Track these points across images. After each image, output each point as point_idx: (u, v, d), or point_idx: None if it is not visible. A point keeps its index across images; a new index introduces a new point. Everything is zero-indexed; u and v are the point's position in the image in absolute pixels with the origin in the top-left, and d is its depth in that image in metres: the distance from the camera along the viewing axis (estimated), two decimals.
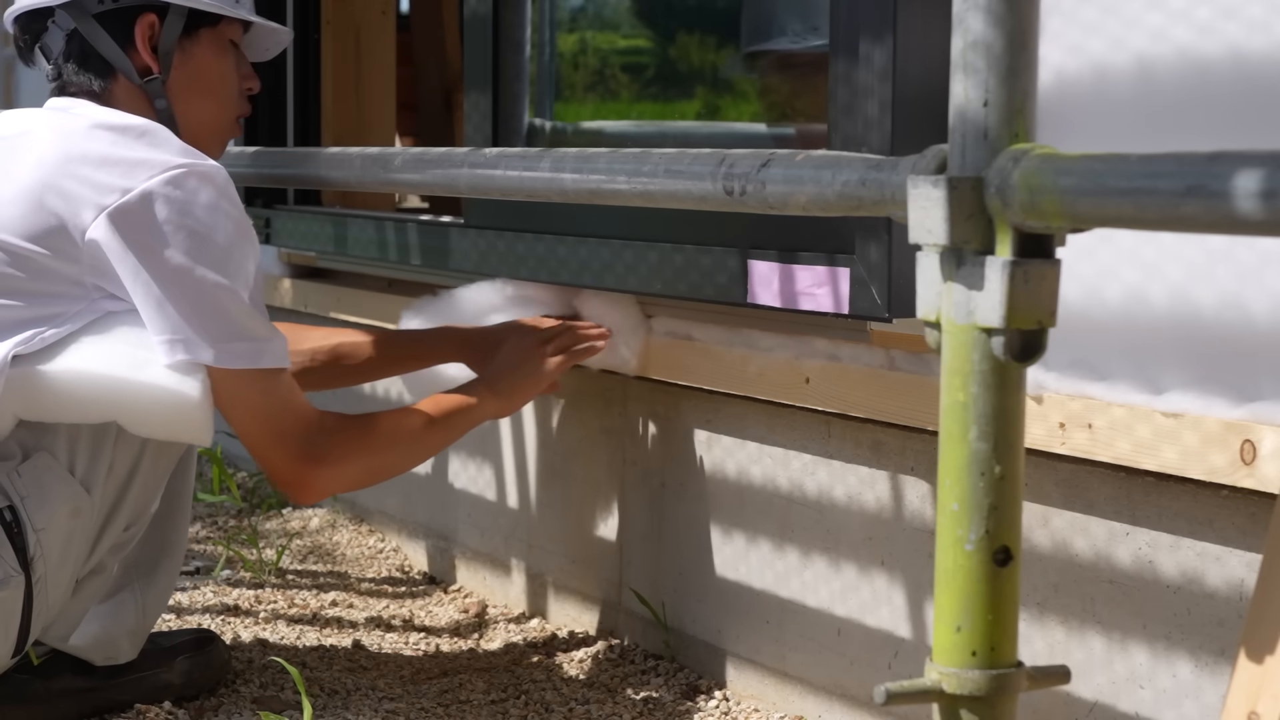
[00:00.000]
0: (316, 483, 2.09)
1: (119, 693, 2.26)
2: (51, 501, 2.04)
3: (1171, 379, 1.66)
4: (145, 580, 2.28)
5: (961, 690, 1.34)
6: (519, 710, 2.27)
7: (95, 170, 1.98)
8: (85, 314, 2.00)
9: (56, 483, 2.05)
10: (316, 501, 2.05)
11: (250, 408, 2.04)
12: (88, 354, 1.98)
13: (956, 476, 1.33)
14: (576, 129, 2.78)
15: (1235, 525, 1.65)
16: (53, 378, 1.98)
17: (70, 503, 2.05)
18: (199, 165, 2.00)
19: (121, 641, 2.25)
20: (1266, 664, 1.39)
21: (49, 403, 2.01)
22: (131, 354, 1.99)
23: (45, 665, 2.21)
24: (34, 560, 2.04)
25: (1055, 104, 1.74)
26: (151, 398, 1.99)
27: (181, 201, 1.97)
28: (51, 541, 2.05)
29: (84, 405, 2.01)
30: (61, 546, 2.06)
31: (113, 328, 2.00)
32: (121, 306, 2.01)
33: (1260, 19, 1.56)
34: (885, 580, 2.09)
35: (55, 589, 2.08)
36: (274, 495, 3.54)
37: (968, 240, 1.32)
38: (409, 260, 2.82)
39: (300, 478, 2.08)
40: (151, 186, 1.96)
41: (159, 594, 2.29)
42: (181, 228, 1.97)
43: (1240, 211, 1.11)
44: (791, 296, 2.06)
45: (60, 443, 2.06)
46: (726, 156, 1.68)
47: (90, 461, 2.07)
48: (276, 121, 3.44)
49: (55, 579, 2.07)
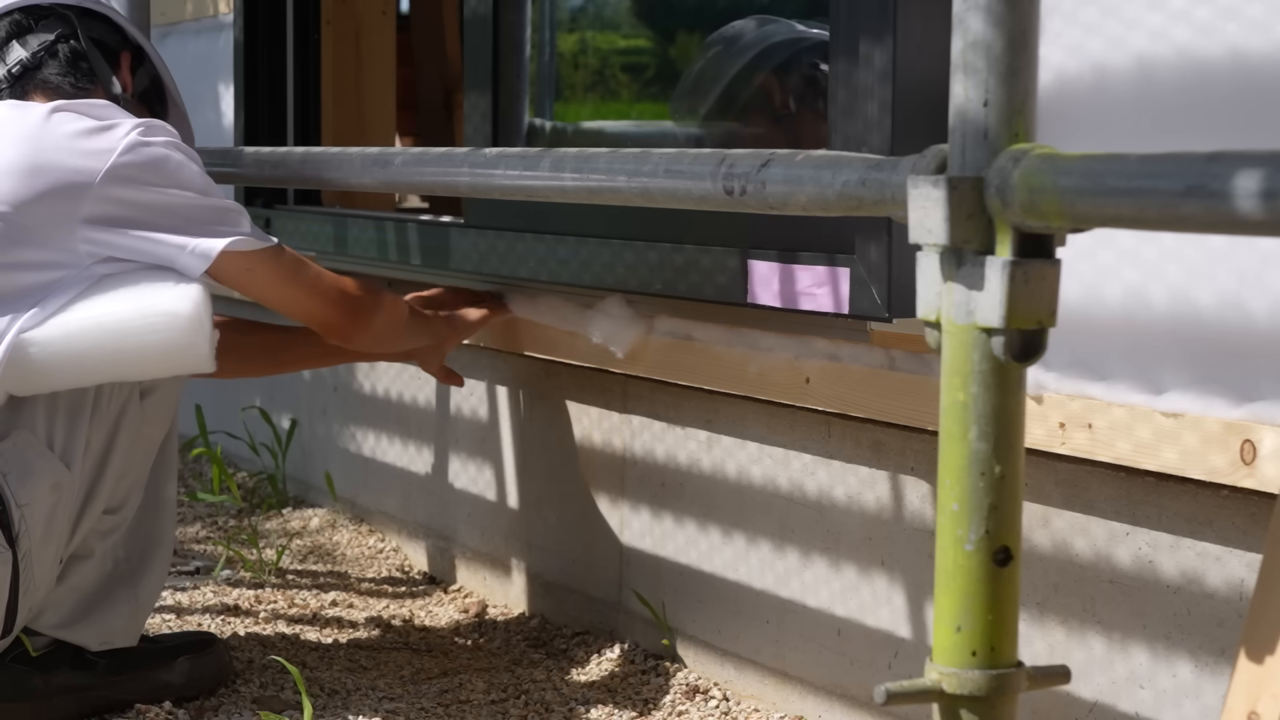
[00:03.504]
0: (372, 320, 2.35)
1: (119, 691, 2.26)
2: (33, 477, 2.10)
3: (1171, 379, 1.66)
4: (138, 567, 2.31)
5: (961, 690, 1.34)
6: (519, 710, 2.27)
7: (79, 139, 2.11)
8: (81, 279, 2.11)
9: (37, 459, 2.11)
10: (367, 345, 2.43)
11: (283, 278, 2.24)
12: (80, 314, 2.09)
13: (956, 476, 1.33)
14: (576, 129, 2.78)
15: (1235, 525, 1.65)
16: (49, 342, 2.07)
17: (51, 478, 2.11)
18: (151, 119, 2.20)
19: (116, 626, 2.28)
20: (1266, 664, 1.39)
21: (48, 368, 2.09)
22: (119, 300, 2.10)
23: (44, 660, 2.22)
24: (19, 536, 2.10)
25: (1055, 104, 1.74)
26: (146, 327, 2.10)
27: (157, 146, 2.14)
28: (35, 517, 2.10)
29: (81, 361, 2.10)
30: (45, 522, 2.12)
31: (102, 289, 2.11)
32: (115, 268, 2.12)
33: (1260, 19, 1.56)
34: (885, 580, 2.09)
35: (40, 566, 2.13)
36: (274, 495, 3.54)
37: (968, 240, 1.32)
38: (409, 260, 2.82)
39: (352, 318, 2.32)
40: (131, 140, 2.12)
41: (152, 581, 2.33)
42: (165, 167, 2.14)
43: (1240, 211, 1.11)
44: (792, 296, 2.06)
45: (39, 420, 2.13)
46: (726, 156, 1.68)
47: (68, 437, 2.14)
48: (276, 121, 3.44)
49: (40, 555, 2.12)
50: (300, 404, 3.57)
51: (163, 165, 2.13)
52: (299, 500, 3.56)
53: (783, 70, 2.53)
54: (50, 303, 2.08)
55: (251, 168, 2.75)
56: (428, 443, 3.08)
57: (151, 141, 2.13)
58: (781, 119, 2.59)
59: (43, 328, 2.07)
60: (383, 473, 3.25)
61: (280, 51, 3.42)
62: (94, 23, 2.31)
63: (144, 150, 2.12)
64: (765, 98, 2.60)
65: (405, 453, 3.16)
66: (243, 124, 3.42)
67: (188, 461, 3.94)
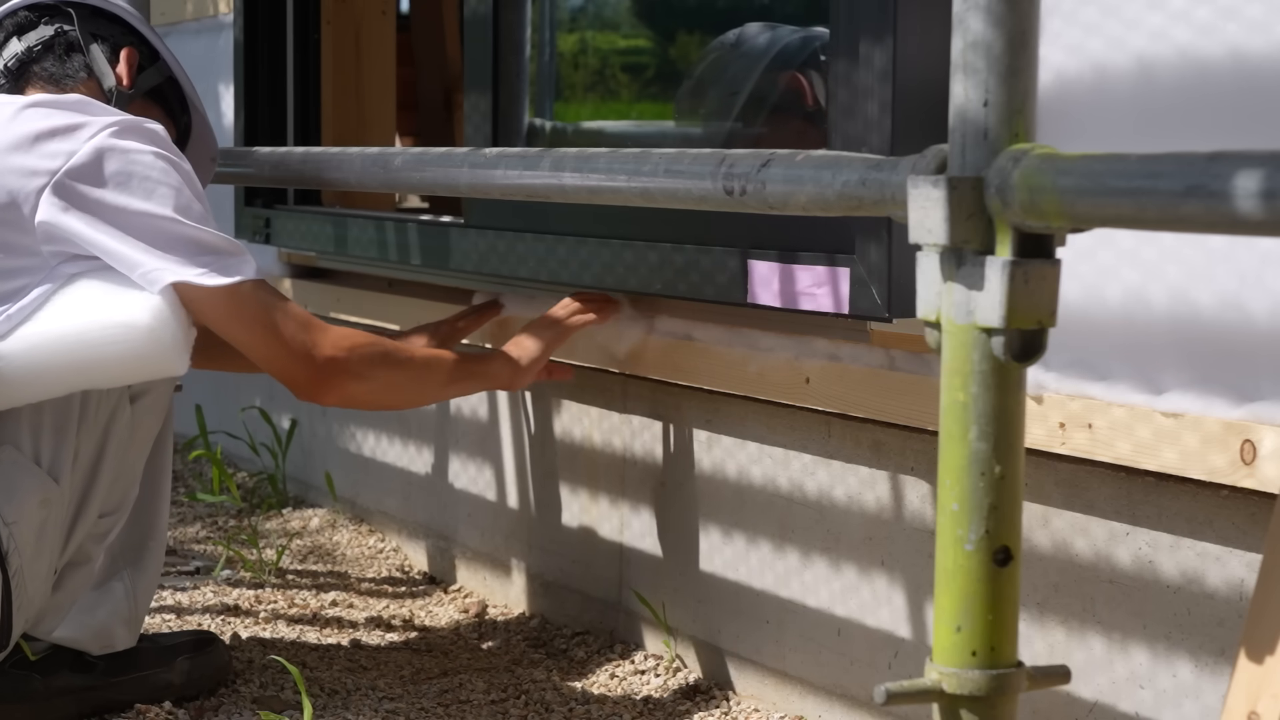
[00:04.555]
0: (333, 380, 2.10)
1: (119, 692, 2.26)
2: (20, 494, 2.07)
3: (1171, 379, 1.66)
4: (132, 567, 2.30)
5: (961, 690, 1.34)
6: (519, 710, 2.27)
7: (40, 141, 2.05)
8: (47, 280, 2.03)
9: (23, 475, 2.07)
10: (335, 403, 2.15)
11: (259, 322, 2.06)
12: (43, 325, 2.01)
13: (956, 476, 1.33)
14: (576, 129, 2.78)
15: (1235, 525, 1.65)
16: (13, 356, 2.00)
17: (39, 494, 2.08)
18: (132, 119, 2.10)
19: (116, 629, 2.27)
20: (1266, 664, 1.39)
21: (15, 382, 2.02)
22: (80, 309, 2.02)
23: (44, 663, 2.22)
24: (8, 554, 2.06)
25: (1055, 104, 1.74)
26: (106, 338, 2.01)
27: (125, 151, 2.05)
28: (24, 534, 2.07)
29: (46, 375, 2.02)
30: (35, 538, 2.09)
31: (68, 295, 2.03)
32: (82, 267, 2.04)
33: (1260, 19, 1.56)
34: (885, 580, 2.09)
35: (34, 580, 2.11)
36: (274, 495, 3.54)
37: (968, 240, 1.32)
38: (409, 260, 2.82)
39: (313, 377, 2.09)
40: (96, 144, 2.03)
41: (148, 580, 2.32)
42: (131, 175, 2.04)
43: (1240, 211, 1.11)
44: (792, 296, 2.06)
45: (24, 435, 2.08)
46: (726, 156, 1.68)
47: (55, 451, 2.10)
48: (276, 121, 3.44)
49: (32, 570, 2.10)
50: (300, 404, 3.57)
51: (125, 173, 2.03)
52: (299, 500, 3.56)
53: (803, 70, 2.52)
54: (17, 311, 2.01)
55: (251, 167, 2.76)
56: (428, 443, 3.08)
57: (118, 146, 2.04)
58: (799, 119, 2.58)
59: (6, 341, 2.00)
60: (383, 473, 3.25)
61: (280, 51, 3.42)
62: (99, 20, 2.29)
63: (109, 154, 2.03)
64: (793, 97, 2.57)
65: (405, 453, 3.16)
66: (243, 124, 3.42)
67: (187, 462, 3.94)
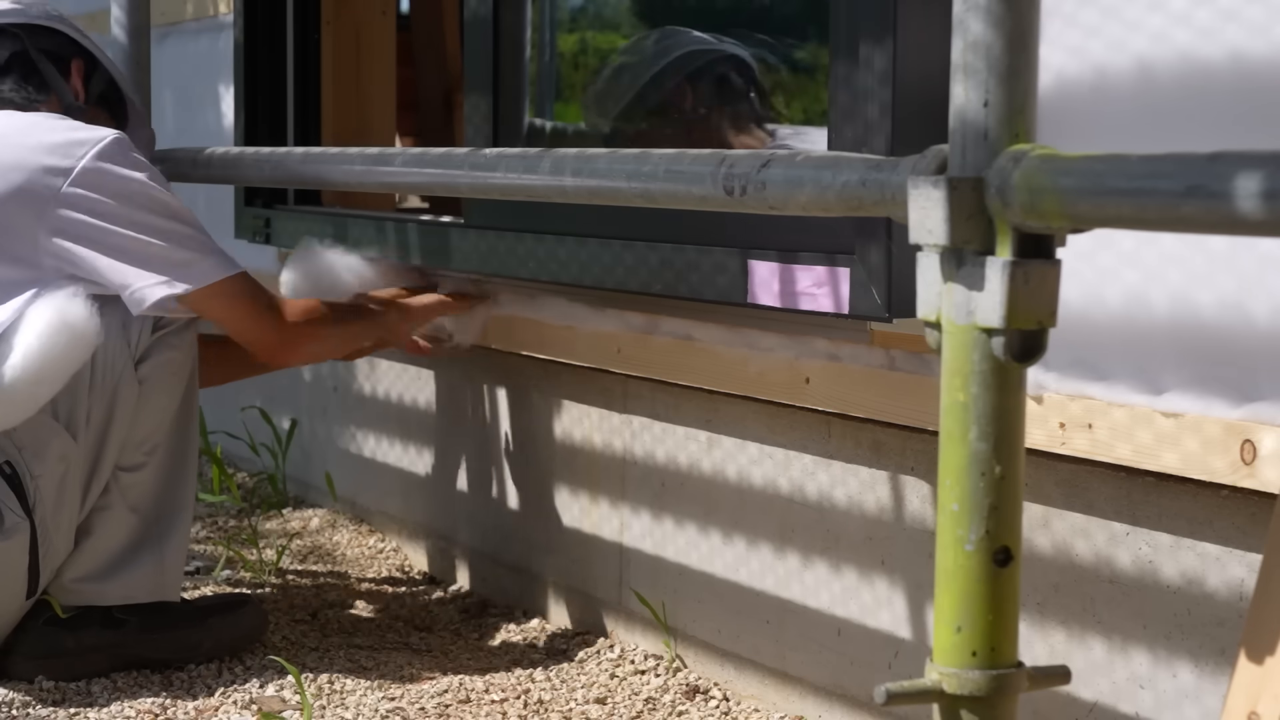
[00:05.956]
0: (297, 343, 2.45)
1: (149, 649, 2.37)
2: (46, 450, 2.28)
3: (1171, 379, 1.66)
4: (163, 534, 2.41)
5: (962, 690, 1.34)
6: (519, 710, 2.27)
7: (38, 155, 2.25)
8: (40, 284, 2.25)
9: (48, 432, 2.28)
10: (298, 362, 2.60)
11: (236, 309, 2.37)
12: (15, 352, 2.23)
13: (957, 477, 1.33)
14: (577, 129, 2.78)
15: (1235, 526, 1.65)
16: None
17: (59, 449, 2.29)
18: (112, 133, 2.31)
19: (138, 582, 2.39)
20: (1267, 664, 1.39)
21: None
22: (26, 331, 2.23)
23: (74, 620, 2.34)
24: (35, 505, 2.28)
25: (1056, 106, 1.74)
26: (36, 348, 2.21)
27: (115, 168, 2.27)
28: (47, 487, 2.29)
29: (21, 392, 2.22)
30: (56, 491, 2.30)
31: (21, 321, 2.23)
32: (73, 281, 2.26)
33: (1261, 22, 1.56)
34: (885, 581, 2.09)
35: (57, 531, 2.31)
36: (274, 495, 3.54)
37: (968, 241, 1.32)
38: (409, 260, 2.82)
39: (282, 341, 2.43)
40: (89, 162, 2.26)
41: (175, 545, 2.42)
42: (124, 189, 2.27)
43: (1240, 212, 1.11)
44: (792, 297, 2.06)
45: None
46: (726, 157, 1.68)
47: (71, 409, 2.29)
48: (276, 121, 3.44)
49: (55, 521, 2.31)
50: (300, 404, 3.57)
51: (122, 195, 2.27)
52: (299, 500, 3.56)
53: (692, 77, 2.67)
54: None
55: (251, 168, 2.76)
56: (428, 443, 3.08)
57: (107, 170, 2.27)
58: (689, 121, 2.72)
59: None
60: (383, 473, 3.25)
61: (280, 52, 3.42)
62: (43, 36, 2.44)
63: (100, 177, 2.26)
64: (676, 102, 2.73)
65: (405, 453, 3.16)
66: (243, 124, 3.42)
67: None
